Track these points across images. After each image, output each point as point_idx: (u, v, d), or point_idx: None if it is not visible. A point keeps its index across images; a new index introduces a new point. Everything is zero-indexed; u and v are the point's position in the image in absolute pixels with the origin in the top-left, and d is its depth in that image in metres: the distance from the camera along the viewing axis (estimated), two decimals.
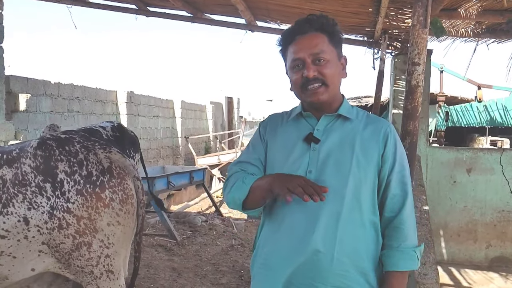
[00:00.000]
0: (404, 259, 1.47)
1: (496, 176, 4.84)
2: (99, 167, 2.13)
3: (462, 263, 4.92)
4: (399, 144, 1.55)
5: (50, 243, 2.05)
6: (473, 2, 3.94)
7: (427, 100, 4.83)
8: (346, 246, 1.44)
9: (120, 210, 2.15)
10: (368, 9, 4.13)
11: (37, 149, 2.08)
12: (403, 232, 1.48)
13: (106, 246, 2.13)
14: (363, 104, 13.03)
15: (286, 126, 1.60)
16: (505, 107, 9.61)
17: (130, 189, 2.21)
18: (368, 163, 1.48)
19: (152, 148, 12.03)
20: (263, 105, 33.21)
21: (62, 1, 5.30)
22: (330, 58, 1.49)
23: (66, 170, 2.06)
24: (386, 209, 1.50)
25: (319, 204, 1.44)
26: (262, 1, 4.50)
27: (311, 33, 1.49)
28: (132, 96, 10.80)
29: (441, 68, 9.59)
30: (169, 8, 5.29)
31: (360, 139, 1.50)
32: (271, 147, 1.59)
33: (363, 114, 1.58)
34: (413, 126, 1.78)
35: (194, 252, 5.20)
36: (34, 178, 2.02)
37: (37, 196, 2.01)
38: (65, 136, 2.17)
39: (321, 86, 1.47)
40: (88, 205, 2.06)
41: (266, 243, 1.55)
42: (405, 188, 1.50)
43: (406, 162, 1.56)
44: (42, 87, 7.86)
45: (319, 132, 1.52)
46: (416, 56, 1.77)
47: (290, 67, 1.53)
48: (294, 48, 1.50)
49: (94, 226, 2.08)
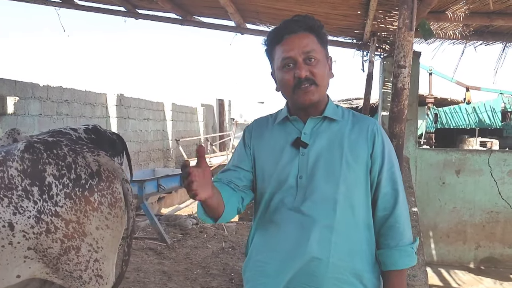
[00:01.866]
0: (403, 257, 1.47)
1: (484, 177, 4.88)
2: (88, 170, 2.11)
3: (452, 264, 4.95)
4: (387, 141, 1.55)
5: (37, 248, 2.01)
6: (461, 4, 3.97)
7: (416, 102, 4.86)
8: (341, 249, 1.43)
9: (109, 214, 2.13)
10: (357, 11, 4.15)
11: (25, 152, 2.04)
12: (398, 230, 1.48)
13: (95, 250, 2.11)
14: (354, 106, 13.10)
15: (272, 130, 1.58)
16: (493, 109, 9.70)
17: (119, 192, 2.20)
18: (358, 164, 1.47)
19: (142, 151, 11.98)
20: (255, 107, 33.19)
21: (50, 3, 5.27)
22: (320, 57, 1.49)
23: (54, 174, 2.03)
24: (379, 208, 1.50)
25: (312, 209, 1.44)
26: (251, 3, 4.50)
27: (301, 32, 1.48)
28: (122, 98, 10.75)
29: (430, 70, 9.67)
30: (158, 10, 5.28)
31: (348, 140, 1.49)
32: (259, 153, 1.57)
33: (348, 114, 1.57)
34: (400, 129, 1.78)
35: (184, 255, 5.17)
36: (21, 182, 1.99)
37: (23, 200, 1.97)
38: (52, 139, 2.14)
39: (311, 86, 1.46)
40: (76, 208, 2.03)
41: (261, 249, 1.53)
42: (395, 185, 1.50)
43: (395, 159, 1.55)
44: (30, 90, 7.79)
45: (306, 135, 1.51)
46: (402, 59, 1.77)
47: (279, 67, 1.50)
48: (284, 47, 1.48)
49: (83, 230, 2.05)
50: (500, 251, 4.94)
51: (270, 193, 1.51)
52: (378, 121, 5.11)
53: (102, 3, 5.33)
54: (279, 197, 1.49)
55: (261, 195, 1.55)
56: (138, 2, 5.07)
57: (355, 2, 3.90)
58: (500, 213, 4.88)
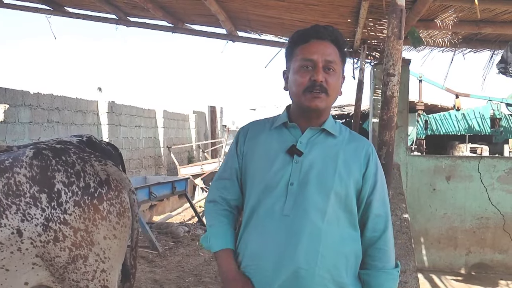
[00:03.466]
0: (389, 280, 1.50)
1: (474, 183, 4.91)
2: (97, 179, 2.09)
3: (443, 270, 4.97)
4: (380, 165, 1.58)
5: (45, 257, 1.98)
6: (449, 13, 4.03)
7: (406, 109, 4.90)
8: (327, 261, 1.44)
9: (117, 224, 2.11)
10: (347, 19, 4.19)
11: (33, 159, 2.01)
12: (386, 253, 1.51)
13: (102, 261, 2.08)
14: (346, 113, 13.15)
15: (268, 135, 1.59)
16: (482, 115, 9.80)
17: (127, 202, 2.18)
18: (349, 180, 1.49)
19: (134, 158, 11.92)
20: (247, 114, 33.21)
21: (42, 11, 5.26)
22: (337, 71, 1.52)
23: (64, 181, 2.01)
24: (368, 228, 1.51)
25: (300, 219, 1.45)
26: (242, 11, 4.53)
27: (327, 41, 1.51)
28: (113, 106, 10.71)
29: (420, 77, 9.76)
30: (150, 18, 5.29)
31: (343, 155, 1.51)
32: (252, 156, 1.58)
33: (345, 131, 1.59)
34: (389, 136, 1.80)
35: (176, 263, 5.15)
36: (29, 189, 1.96)
37: (31, 207, 1.94)
38: (60, 146, 2.12)
39: (322, 93, 1.48)
40: (85, 216, 2.01)
41: (249, 257, 1.53)
42: (386, 209, 1.53)
43: (385, 183, 1.59)
44: (20, 97, 7.74)
45: (302, 144, 1.51)
46: (391, 67, 1.79)
47: (297, 66, 1.51)
48: (309, 49, 1.49)
49: (91, 239, 2.03)
50: (490, 256, 4.97)
51: (258, 197, 1.52)
52: (369, 127, 5.15)
53: (93, 10, 5.33)
54: (268, 202, 1.50)
55: (249, 198, 1.56)
56: (129, 9, 5.07)
57: (345, 10, 3.94)
58: (490, 219, 4.92)
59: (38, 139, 7.82)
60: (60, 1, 5.14)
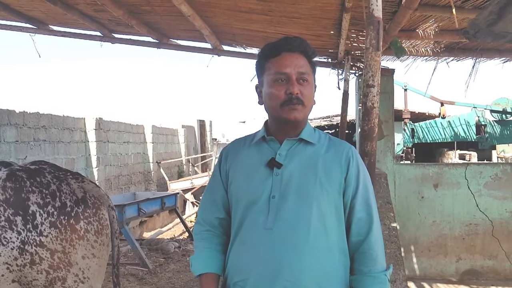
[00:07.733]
0: (375, 283, 1.47)
1: (462, 190, 4.95)
2: (73, 198, 2.06)
3: (434, 277, 4.97)
4: (362, 166, 1.56)
5: (22, 281, 1.94)
6: (430, 22, 4.09)
7: (392, 118, 4.94)
8: (314, 272, 1.42)
9: (95, 242, 2.09)
10: (330, 31, 4.24)
11: (7, 181, 1.98)
12: (372, 256, 1.48)
13: (81, 281, 2.05)
14: (334, 123, 13.24)
15: (248, 150, 1.59)
16: (467, 122, 9.91)
17: (106, 219, 2.15)
18: (332, 186, 1.48)
19: (123, 175, 11.83)
20: (237, 127, 33.23)
21: (26, 30, 5.24)
22: (310, 81, 1.53)
23: (38, 202, 1.98)
24: (353, 233, 1.49)
25: (284, 230, 1.43)
26: (227, 25, 4.56)
27: (298, 53, 1.52)
28: (101, 122, 10.65)
29: (405, 86, 9.87)
30: (135, 34, 5.30)
31: (323, 162, 1.50)
32: (234, 172, 1.58)
33: (325, 137, 1.59)
34: (371, 147, 1.81)
35: (166, 279, 5.09)
36: (3, 212, 1.92)
37: (7, 231, 1.91)
38: (34, 167, 2.10)
39: (299, 105, 1.48)
40: (62, 237, 1.98)
41: (236, 272, 1.51)
42: (370, 211, 1.50)
43: (370, 185, 1.56)
44: (6, 116, 7.66)
45: (281, 156, 1.51)
46: (371, 78, 1.81)
47: (271, 80, 1.51)
48: (281, 62, 1.50)
49: (69, 260, 2.00)
50: (480, 263, 4.98)
51: (243, 212, 1.51)
52: (356, 137, 5.17)
53: (78, 28, 5.33)
54: (251, 217, 1.49)
55: (235, 215, 1.56)
56: (114, 26, 5.08)
57: (328, 22, 3.98)
58: (479, 225, 4.94)
59: (24, 158, 7.74)
60: (44, 19, 5.13)
